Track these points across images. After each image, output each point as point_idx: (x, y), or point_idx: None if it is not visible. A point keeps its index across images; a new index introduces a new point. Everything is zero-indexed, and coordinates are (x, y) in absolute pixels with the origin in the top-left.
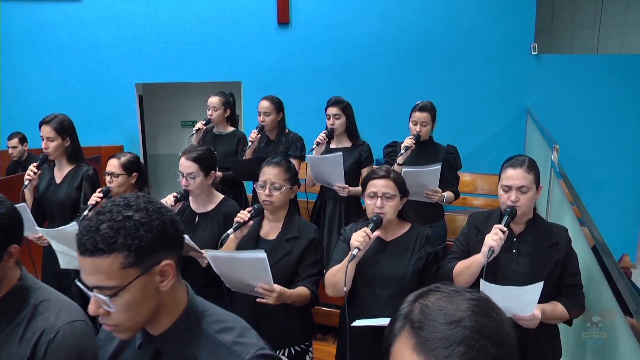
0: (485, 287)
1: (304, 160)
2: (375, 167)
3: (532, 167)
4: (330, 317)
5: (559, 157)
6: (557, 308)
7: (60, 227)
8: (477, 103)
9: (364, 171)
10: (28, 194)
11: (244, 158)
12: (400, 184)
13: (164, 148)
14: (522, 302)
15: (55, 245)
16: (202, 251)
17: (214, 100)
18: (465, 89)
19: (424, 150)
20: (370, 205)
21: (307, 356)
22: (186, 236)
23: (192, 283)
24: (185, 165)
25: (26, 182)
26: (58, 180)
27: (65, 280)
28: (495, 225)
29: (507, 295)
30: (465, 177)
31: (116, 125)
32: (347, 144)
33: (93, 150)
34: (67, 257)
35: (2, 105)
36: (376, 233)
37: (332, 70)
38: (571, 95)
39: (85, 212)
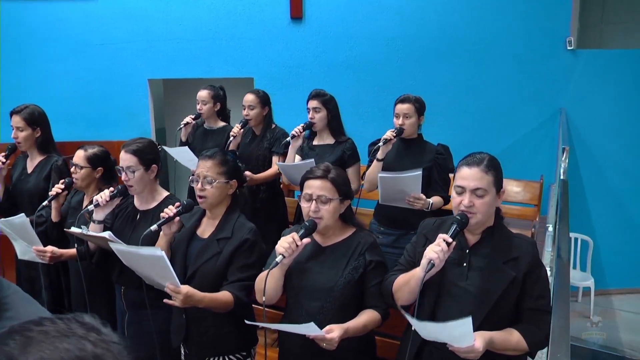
0: (411, 321)
1: None
2: (314, 166)
3: (492, 167)
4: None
5: (568, 160)
6: (511, 337)
7: (8, 218)
8: (505, 102)
9: (349, 171)
10: None
11: None
12: (340, 185)
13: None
14: (454, 335)
15: (10, 235)
16: None
17: (202, 93)
18: (492, 87)
19: (411, 150)
20: (305, 209)
21: None
22: (109, 233)
23: (131, 284)
24: (124, 158)
25: None
26: (29, 170)
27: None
28: (440, 235)
29: (432, 330)
30: None
31: (129, 120)
32: (329, 140)
33: (106, 145)
34: (23, 247)
35: (21, 100)
36: (306, 240)
37: (348, 67)
38: (613, 93)
39: (45, 203)
